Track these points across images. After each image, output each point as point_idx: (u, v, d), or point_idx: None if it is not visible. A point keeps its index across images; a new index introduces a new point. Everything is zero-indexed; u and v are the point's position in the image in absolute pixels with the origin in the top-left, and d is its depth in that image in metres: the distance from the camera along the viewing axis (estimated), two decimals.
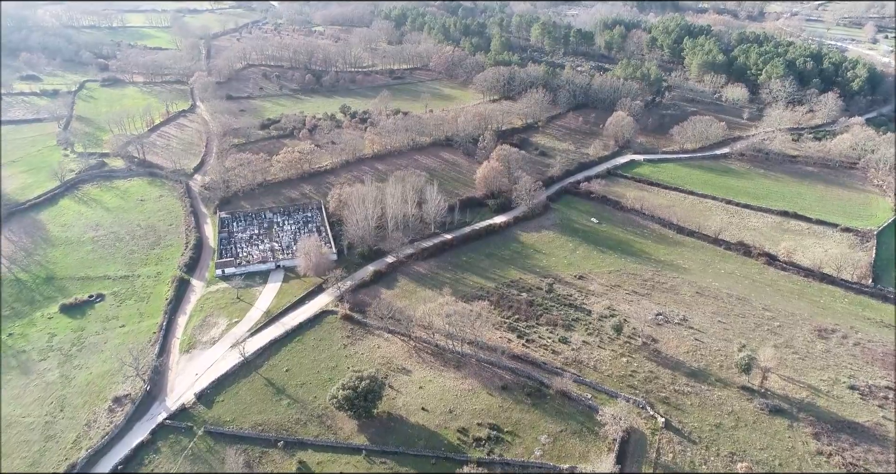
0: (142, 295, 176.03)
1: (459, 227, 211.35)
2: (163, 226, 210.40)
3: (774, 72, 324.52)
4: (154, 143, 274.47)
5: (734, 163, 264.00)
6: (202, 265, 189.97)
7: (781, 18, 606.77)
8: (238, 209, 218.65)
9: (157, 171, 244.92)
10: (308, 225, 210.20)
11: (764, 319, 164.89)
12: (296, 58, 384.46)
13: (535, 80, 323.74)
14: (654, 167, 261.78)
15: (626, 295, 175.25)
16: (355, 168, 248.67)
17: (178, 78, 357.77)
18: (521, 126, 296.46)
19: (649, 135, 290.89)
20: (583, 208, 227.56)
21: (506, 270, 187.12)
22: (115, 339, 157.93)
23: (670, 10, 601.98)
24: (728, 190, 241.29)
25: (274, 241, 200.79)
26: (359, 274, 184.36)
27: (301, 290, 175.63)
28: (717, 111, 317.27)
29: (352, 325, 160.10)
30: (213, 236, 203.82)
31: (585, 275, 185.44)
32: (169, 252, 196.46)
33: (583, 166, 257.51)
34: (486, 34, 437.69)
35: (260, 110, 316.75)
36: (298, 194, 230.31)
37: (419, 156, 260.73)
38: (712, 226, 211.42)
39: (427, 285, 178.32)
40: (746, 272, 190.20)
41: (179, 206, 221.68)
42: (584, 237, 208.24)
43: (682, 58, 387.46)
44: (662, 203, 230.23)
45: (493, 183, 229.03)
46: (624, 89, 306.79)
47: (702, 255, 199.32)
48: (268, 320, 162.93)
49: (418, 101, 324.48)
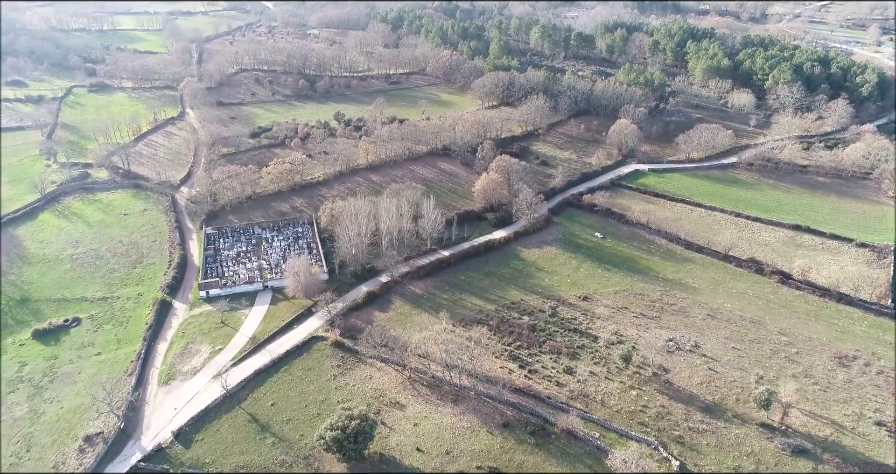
0: (120, 318, 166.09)
1: (457, 243, 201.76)
2: (146, 243, 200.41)
3: (782, 77, 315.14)
4: (140, 153, 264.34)
5: (742, 174, 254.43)
6: (186, 285, 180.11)
7: (784, 20, 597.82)
8: (225, 224, 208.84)
9: (142, 183, 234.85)
10: (298, 241, 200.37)
11: (780, 345, 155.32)
12: (289, 62, 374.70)
13: (535, 85, 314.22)
14: (659, 177, 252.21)
15: (633, 318, 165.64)
16: (349, 179, 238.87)
17: (168, 83, 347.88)
18: (520, 134, 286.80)
19: (653, 144, 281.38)
20: (586, 222, 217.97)
21: (506, 290, 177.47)
22: (89, 369, 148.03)
23: (671, 11, 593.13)
24: (737, 202, 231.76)
25: (262, 259, 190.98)
26: (351, 295, 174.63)
27: (289, 314, 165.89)
28: (723, 118, 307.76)
29: (342, 353, 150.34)
30: (198, 253, 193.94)
31: (590, 295, 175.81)
32: (151, 271, 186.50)
33: (585, 177, 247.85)
34: (484, 37, 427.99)
35: (251, 117, 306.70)
36: (289, 208, 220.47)
37: (415, 167, 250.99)
38: (722, 241, 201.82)
39: (423, 307, 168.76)
40: (759, 292, 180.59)
41: (164, 221, 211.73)
42: (587, 253, 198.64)
43: (685, 62, 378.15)
44: (669, 216, 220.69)
45: (493, 195, 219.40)
46: (627, 95, 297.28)
47: (712, 273, 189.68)
48: (253, 347, 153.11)
49: (415, 107, 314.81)
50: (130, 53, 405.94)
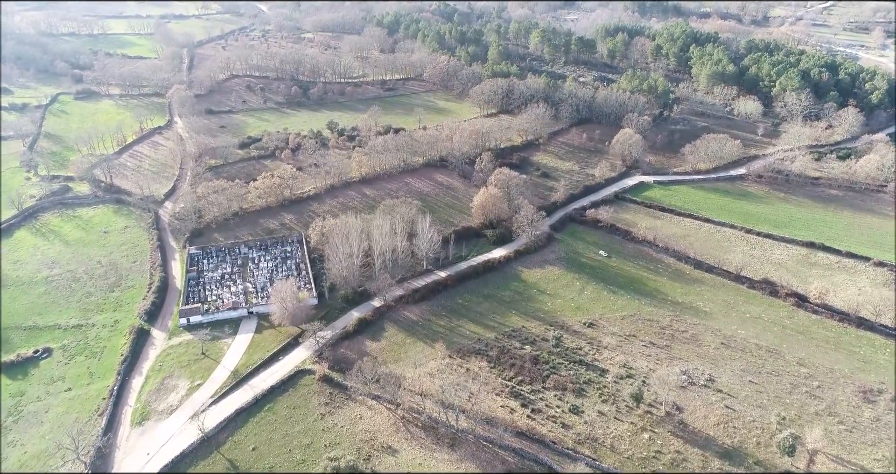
0: (94, 349, 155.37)
1: (454, 263, 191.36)
2: (126, 264, 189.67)
3: (789, 84, 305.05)
4: (124, 165, 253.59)
5: (752, 186, 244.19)
6: (166, 311, 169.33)
7: (786, 23, 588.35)
8: (210, 242, 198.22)
9: (124, 198, 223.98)
10: (287, 261, 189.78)
11: (800, 378, 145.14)
12: (282, 68, 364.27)
13: (535, 92, 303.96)
14: (665, 190, 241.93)
15: (642, 347, 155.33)
16: (341, 193, 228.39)
17: (156, 90, 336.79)
18: (520, 143, 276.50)
19: (658, 154, 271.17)
20: (590, 239, 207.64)
21: (506, 316, 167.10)
22: (58, 407, 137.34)
23: (672, 13, 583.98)
24: (747, 216, 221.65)
25: (248, 282, 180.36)
26: (341, 321, 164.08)
27: (275, 343, 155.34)
28: (730, 126, 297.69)
29: (331, 389, 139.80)
30: (180, 275, 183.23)
31: (596, 321, 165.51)
32: (130, 295, 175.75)
33: (588, 190, 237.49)
34: (482, 42, 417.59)
35: (241, 126, 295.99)
36: (278, 224, 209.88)
37: (411, 179, 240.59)
38: (733, 260, 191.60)
39: (418, 335, 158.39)
40: (774, 316, 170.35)
41: (146, 239, 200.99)
42: (592, 274, 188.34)
43: (688, 67, 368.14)
44: (676, 232, 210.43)
45: (492, 211, 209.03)
46: (630, 103, 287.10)
47: (723, 296, 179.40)
48: (235, 382, 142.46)
49: (411, 115, 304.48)
50: (119, 59, 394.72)
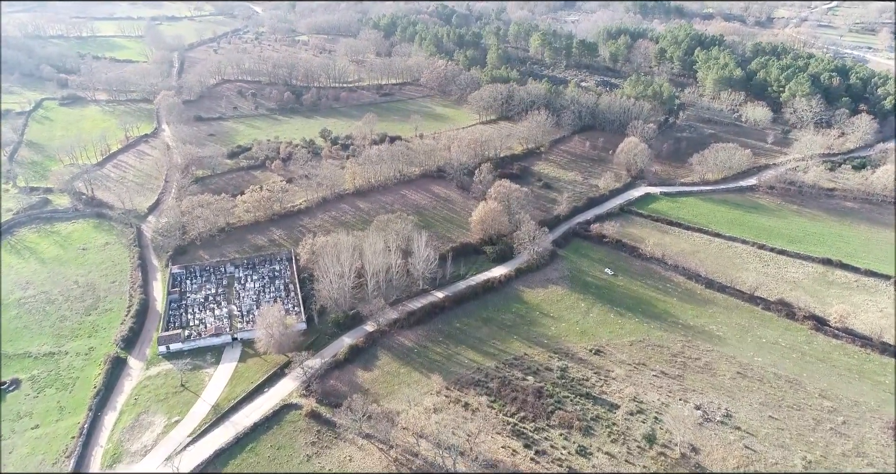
0: (66, 380, 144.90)
1: (452, 282, 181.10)
2: (104, 284, 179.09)
3: (799, 89, 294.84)
4: (107, 176, 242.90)
5: (763, 198, 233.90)
6: (144, 337, 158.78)
7: (790, 24, 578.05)
8: (195, 261, 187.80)
9: (106, 212, 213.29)
10: (275, 281, 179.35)
11: (824, 412, 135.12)
12: (275, 72, 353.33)
13: (536, 99, 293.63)
14: (672, 202, 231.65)
15: (653, 377, 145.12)
16: (334, 206, 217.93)
17: (144, 95, 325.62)
18: (521, 152, 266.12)
19: (664, 163, 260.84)
20: (595, 256, 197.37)
21: (507, 341, 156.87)
22: (23, 448, 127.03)
23: (675, 15, 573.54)
24: (759, 231, 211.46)
25: (233, 304, 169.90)
26: (331, 348, 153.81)
27: (260, 373, 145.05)
28: (738, 133, 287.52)
29: (319, 426, 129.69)
30: (161, 297, 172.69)
31: (603, 347, 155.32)
32: (107, 319, 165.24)
33: (592, 202, 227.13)
34: (481, 45, 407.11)
35: (231, 134, 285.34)
36: (266, 241, 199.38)
37: (407, 191, 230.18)
38: (746, 279, 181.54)
39: (413, 364, 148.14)
40: (792, 341, 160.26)
41: (127, 257, 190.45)
42: (597, 294, 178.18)
43: (693, 71, 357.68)
44: (685, 248, 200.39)
45: (491, 226, 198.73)
46: (635, 110, 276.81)
47: (737, 318, 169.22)
48: (216, 418, 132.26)
49: (407, 121, 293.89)
50: (107, 63, 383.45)
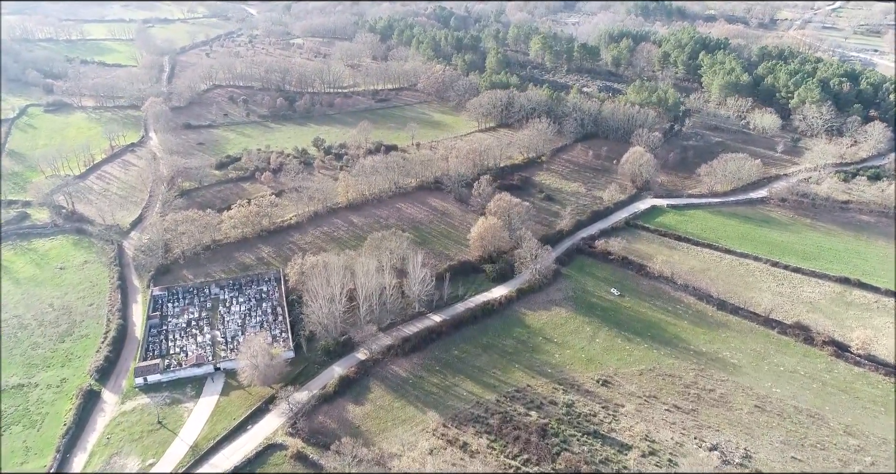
0: (35, 416, 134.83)
1: (450, 304, 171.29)
2: (81, 307, 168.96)
3: (809, 95, 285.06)
4: (90, 188, 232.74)
5: (775, 211, 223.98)
6: (121, 367, 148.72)
7: (794, 26, 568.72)
8: (178, 281, 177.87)
9: (86, 227, 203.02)
10: (262, 304, 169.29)
11: (850, 452, 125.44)
12: (268, 77, 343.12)
13: (536, 105, 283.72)
14: (680, 215, 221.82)
15: (665, 412, 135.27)
16: (326, 221, 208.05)
17: (132, 102, 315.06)
18: (521, 162, 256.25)
19: (670, 173, 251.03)
20: (600, 274, 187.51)
21: (509, 371, 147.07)
22: None
23: (676, 17, 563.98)
24: (771, 247, 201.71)
25: (217, 329, 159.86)
26: (320, 379, 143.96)
27: (243, 409, 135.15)
28: (746, 141, 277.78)
29: (305, 469, 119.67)
30: (141, 322, 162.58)
31: (610, 377, 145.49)
32: (82, 346, 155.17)
33: (596, 215, 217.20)
34: (480, 48, 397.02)
35: (221, 143, 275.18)
36: (254, 259, 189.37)
37: (403, 204, 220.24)
38: (761, 300, 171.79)
39: (408, 398, 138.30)
40: (811, 369, 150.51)
41: (106, 277, 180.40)
42: (603, 316, 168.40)
43: (698, 75, 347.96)
44: (695, 265, 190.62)
45: (491, 243, 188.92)
46: (639, 118, 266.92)
47: (752, 343, 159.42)
48: (194, 460, 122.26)
49: (404, 129, 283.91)
50: (96, 67, 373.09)
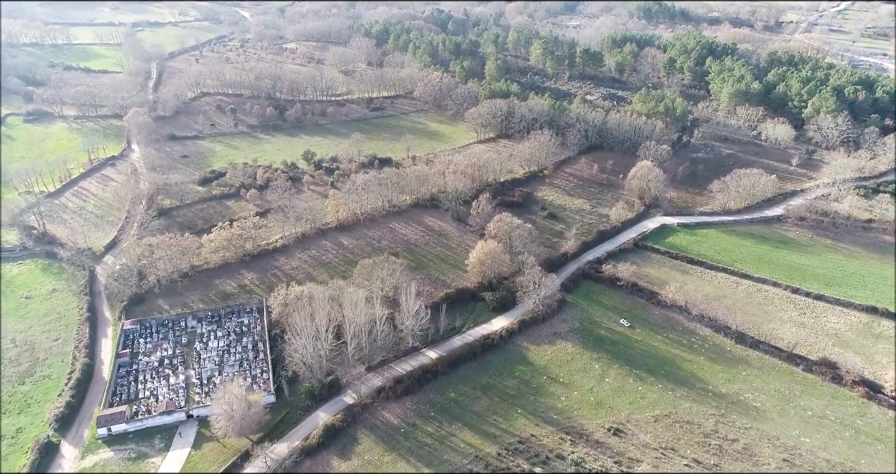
0: None
1: (447, 338, 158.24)
2: (45, 343, 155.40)
3: (823, 105, 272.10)
4: (65, 206, 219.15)
5: (792, 230, 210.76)
6: (84, 414, 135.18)
7: (800, 29, 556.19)
8: (153, 312, 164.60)
9: (57, 251, 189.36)
10: (243, 339, 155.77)
11: None
12: (258, 84, 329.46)
13: (538, 115, 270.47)
14: (691, 235, 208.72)
15: (685, 467, 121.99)
16: (314, 243, 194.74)
17: (116, 111, 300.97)
18: (523, 176, 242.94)
19: (680, 188, 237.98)
20: (608, 302, 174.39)
21: (511, 417, 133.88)
22: None
23: (680, 20, 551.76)
24: (791, 271, 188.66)
25: (192, 369, 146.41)
26: (303, 427, 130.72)
27: (216, 465, 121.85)
28: (758, 154, 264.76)
29: None
30: (109, 360, 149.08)
31: (623, 425, 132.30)
32: (43, 388, 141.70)
33: (603, 236, 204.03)
34: (479, 54, 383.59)
35: (206, 156, 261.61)
36: (236, 286, 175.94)
37: (397, 224, 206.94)
38: (783, 333, 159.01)
39: (399, 450, 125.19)
40: (842, 414, 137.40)
41: (75, 308, 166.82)
42: (613, 352, 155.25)
43: (706, 82, 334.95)
44: (710, 292, 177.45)
45: (491, 268, 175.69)
46: (646, 129, 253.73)
47: (776, 383, 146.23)
48: None
49: (399, 140, 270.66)
50: (80, 74, 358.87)
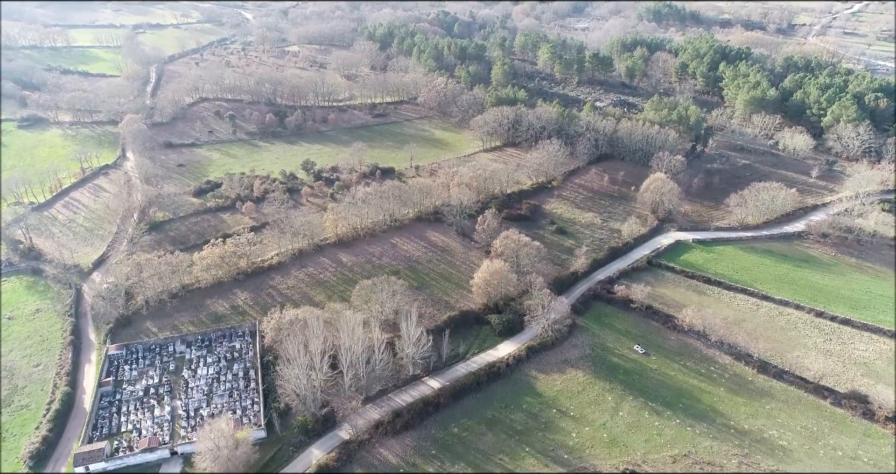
0: None
1: (450, 365, 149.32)
2: (25, 369, 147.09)
3: (844, 114, 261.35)
4: (54, 218, 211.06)
5: (814, 248, 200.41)
6: (62, 450, 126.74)
7: (813, 32, 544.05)
8: (139, 335, 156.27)
9: (43, 267, 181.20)
10: (234, 365, 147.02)
11: None
12: (258, 90, 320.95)
13: (546, 124, 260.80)
14: (707, 252, 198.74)
15: None
16: (311, 260, 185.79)
17: (112, 117, 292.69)
18: (530, 187, 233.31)
19: (694, 201, 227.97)
20: (621, 326, 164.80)
21: (518, 456, 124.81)
22: None
23: (690, 22, 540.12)
24: (814, 292, 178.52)
25: (178, 399, 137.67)
26: (295, 466, 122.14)
27: None
28: (776, 164, 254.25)
29: None
30: (92, 389, 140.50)
31: (638, 466, 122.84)
32: (20, 420, 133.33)
33: (615, 253, 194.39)
34: (485, 58, 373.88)
35: (203, 164, 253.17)
36: (228, 307, 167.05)
37: (398, 240, 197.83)
38: (808, 362, 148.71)
39: None
40: (875, 454, 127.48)
41: (59, 330, 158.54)
42: (627, 382, 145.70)
43: (719, 88, 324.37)
44: (728, 315, 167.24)
45: (497, 290, 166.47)
46: (659, 138, 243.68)
47: (802, 418, 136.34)
48: None
49: (402, 148, 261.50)
50: (77, 78, 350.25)
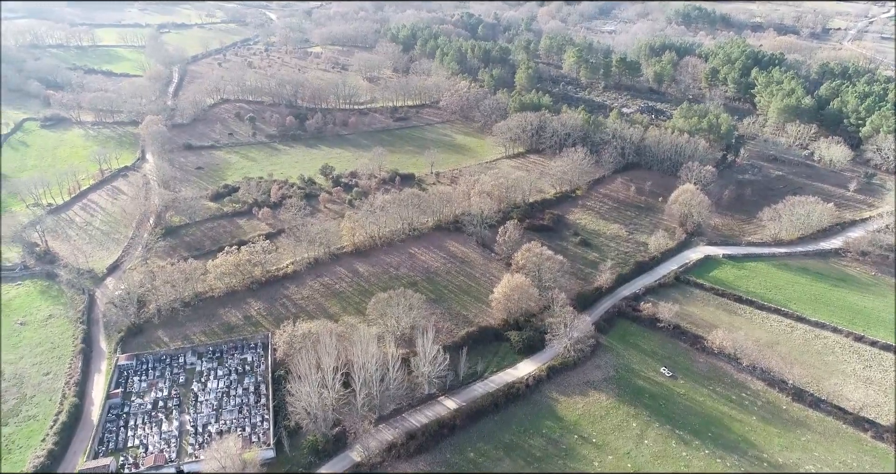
0: None
1: (467, 384, 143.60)
2: (35, 377, 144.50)
3: (884, 124, 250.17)
4: (71, 221, 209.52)
5: (852, 266, 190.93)
6: (67, 464, 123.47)
7: (849, 36, 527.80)
8: (151, 344, 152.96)
9: (57, 272, 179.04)
10: (245, 379, 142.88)
11: None
12: (279, 91, 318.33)
13: (571, 131, 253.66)
14: (738, 268, 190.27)
15: None
16: (327, 270, 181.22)
17: (133, 117, 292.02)
18: (553, 196, 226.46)
19: (725, 214, 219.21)
20: (647, 346, 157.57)
21: None
22: None
23: (721, 26, 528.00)
24: (852, 314, 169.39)
25: (187, 414, 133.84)
26: None
27: None
28: (811, 176, 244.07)
29: None
30: (100, 400, 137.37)
31: None
32: (27, 431, 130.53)
33: (641, 267, 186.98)
34: (510, 61, 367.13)
35: (222, 167, 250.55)
36: (241, 318, 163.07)
37: (417, 249, 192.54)
38: (847, 391, 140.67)
39: None
40: None
41: (70, 338, 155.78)
42: (653, 407, 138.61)
43: (751, 95, 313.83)
44: (761, 337, 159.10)
45: (517, 305, 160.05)
46: (688, 148, 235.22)
47: (841, 453, 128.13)
48: None
49: (423, 154, 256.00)
50: (101, 77, 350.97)
